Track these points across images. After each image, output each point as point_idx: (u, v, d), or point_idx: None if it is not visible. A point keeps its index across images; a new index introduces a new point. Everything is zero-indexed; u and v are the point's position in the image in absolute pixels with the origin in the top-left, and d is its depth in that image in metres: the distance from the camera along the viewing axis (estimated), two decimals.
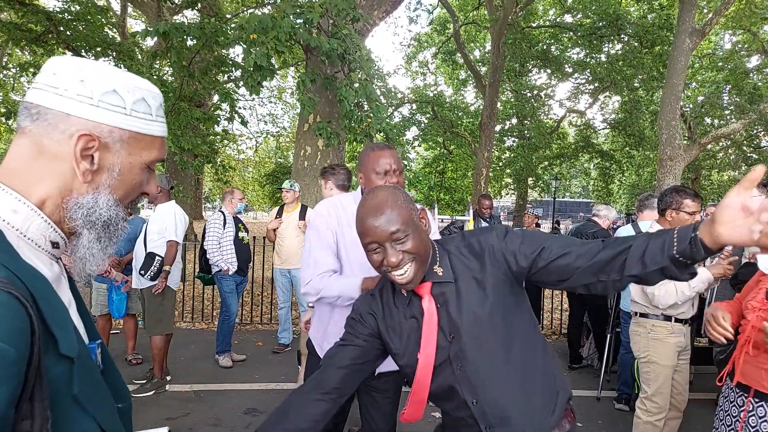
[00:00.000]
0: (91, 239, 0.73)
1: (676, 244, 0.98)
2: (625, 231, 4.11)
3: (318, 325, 2.05)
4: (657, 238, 1.02)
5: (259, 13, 5.77)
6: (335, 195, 3.28)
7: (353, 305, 1.39)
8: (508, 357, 1.22)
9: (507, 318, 1.22)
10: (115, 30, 12.52)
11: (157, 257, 3.80)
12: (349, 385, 1.31)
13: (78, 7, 8.87)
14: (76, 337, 0.67)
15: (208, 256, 4.63)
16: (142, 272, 3.78)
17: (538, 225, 6.20)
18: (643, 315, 2.81)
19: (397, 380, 2.03)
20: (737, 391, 1.84)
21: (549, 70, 18.60)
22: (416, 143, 20.66)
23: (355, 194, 1.98)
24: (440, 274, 1.25)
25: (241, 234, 4.83)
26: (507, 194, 29.36)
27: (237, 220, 4.86)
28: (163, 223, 3.84)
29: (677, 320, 2.73)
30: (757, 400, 1.76)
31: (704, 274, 2.64)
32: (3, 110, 11.37)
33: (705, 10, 13.38)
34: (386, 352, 1.35)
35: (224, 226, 4.69)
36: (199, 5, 8.89)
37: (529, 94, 20.41)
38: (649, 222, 3.61)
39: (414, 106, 19.75)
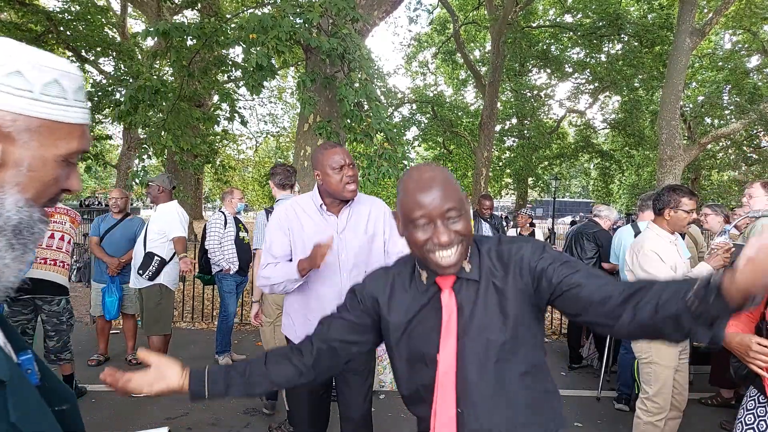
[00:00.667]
0: (0, 248, 0.63)
1: (694, 287, 0.84)
2: (626, 231, 4.11)
3: (292, 322, 2.13)
4: (683, 281, 0.90)
5: (259, 13, 5.76)
6: (280, 194, 3.59)
7: (364, 278, 1.35)
8: (507, 376, 1.15)
9: (518, 338, 1.14)
10: (115, 30, 12.53)
11: (155, 257, 3.80)
12: (324, 362, 1.27)
13: (78, 7, 8.88)
14: (5, 357, 0.59)
15: (209, 255, 4.62)
16: (141, 272, 3.79)
17: (532, 224, 6.19)
18: None
19: (369, 360, 2.12)
20: None
21: (549, 70, 18.61)
22: (416, 143, 20.65)
23: (312, 193, 2.10)
24: (467, 270, 1.17)
25: (241, 234, 4.83)
26: (507, 194, 29.35)
27: (237, 221, 4.86)
28: (165, 223, 3.84)
29: None
30: None
31: (704, 268, 2.65)
32: None
33: (705, 10, 13.38)
34: (375, 333, 1.29)
35: (225, 226, 4.69)
36: (199, 5, 8.90)
37: (529, 94, 20.42)
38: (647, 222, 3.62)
39: (414, 106, 19.75)
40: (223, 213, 4.78)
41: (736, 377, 1.87)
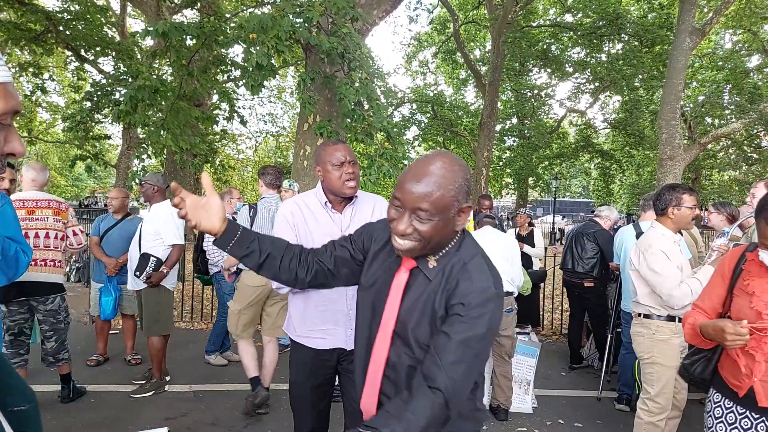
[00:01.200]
0: None
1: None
2: (627, 231, 4.11)
3: (291, 320, 2.15)
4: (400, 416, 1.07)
5: (259, 13, 5.75)
6: (266, 192, 3.78)
7: (380, 219, 1.46)
8: (413, 370, 1.20)
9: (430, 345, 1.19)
10: (114, 29, 12.51)
11: (151, 258, 3.71)
12: (318, 281, 1.41)
13: (77, 7, 8.86)
14: None
15: (208, 256, 4.60)
16: (138, 274, 3.72)
17: (531, 224, 6.14)
18: (646, 316, 2.80)
19: None
20: (755, 416, 1.57)
21: (549, 70, 18.57)
22: (416, 143, 20.64)
23: (316, 191, 2.10)
24: (430, 266, 1.21)
25: None
26: (507, 194, 29.33)
27: (235, 220, 4.84)
28: (159, 224, 3.77)
29: (680, 320, 2.73)
30: None
31: (709, 271, 2.65)
32: None
33: (705, 10, 13.37)
34: (360, 273, 1.38)
35: None
36: (199, 5, 8.87)
37: (529, 94, 20.40)
38: (649, 222, 3.63)
39: (414, 106, 19.72)
40: None
41: (690, 380, 1.79)
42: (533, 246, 5.73)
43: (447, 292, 1.17)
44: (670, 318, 2.74)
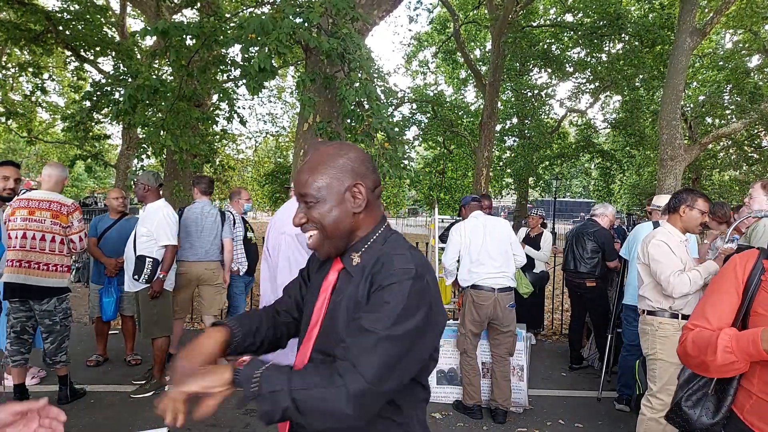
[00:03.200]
0: None
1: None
2: (645, 227, 4.15)
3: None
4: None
5: (259, 12, 5.73)
6: (199, 199, 4.32)
7: None
8: None
9: None
10: (114, 29, 12.51)
11: (147, 259, 3.68)
12: (293, 332, 1.33)
13: (77, 7, 8.85)
14: None
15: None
16: (136, 277, 3.69)
17: (544, 225, 6.02)
18: (650, 313, 2.85)
19: None
20: None
21: (549, 70, 18.56)
22: (416, 143, 20.60)
23: None
24: (354, 264, 1.13)
25: (249, 234, 4.82)
26: (507, 194, 29.29)
27: (243, 221, 4.84)
28: (153, 226, 3.73)
29: (684, 317, 2.76)
30: None
31: (712, 267, 2.69)
32: (2, 110, 11.34)
33: (706, 10, 13.35)
34: None
35: (233, 226, 4.65)
36: (198, 4, 8.86)
37: (529, 94, 20.38)
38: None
39: (414, 106, 19.70)
40: (231, 213, 4.72)
41: (695, 428, 1.50)
42: (539, 248, 5.61)
43: (368, 281, 1.07)
44: (674, 315, 2.78)
